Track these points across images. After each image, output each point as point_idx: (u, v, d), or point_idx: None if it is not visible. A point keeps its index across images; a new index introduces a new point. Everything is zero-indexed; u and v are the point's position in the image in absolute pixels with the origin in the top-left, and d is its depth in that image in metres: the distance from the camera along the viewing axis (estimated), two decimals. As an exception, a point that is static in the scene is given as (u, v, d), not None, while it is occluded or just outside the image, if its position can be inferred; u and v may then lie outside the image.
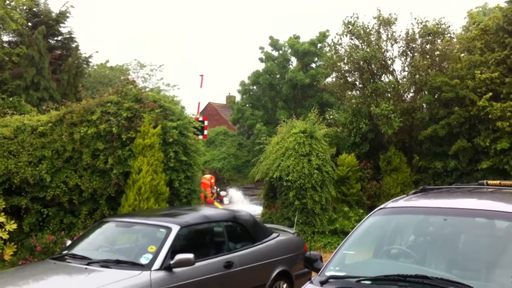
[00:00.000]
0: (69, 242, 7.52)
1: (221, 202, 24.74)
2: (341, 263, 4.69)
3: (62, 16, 21.15)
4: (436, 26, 14.96)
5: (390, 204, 5.18)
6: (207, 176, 24.53)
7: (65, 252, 6.93)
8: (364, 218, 5.16)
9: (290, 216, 12.94)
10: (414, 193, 5.47)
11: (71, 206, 10.45)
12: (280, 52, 29.88)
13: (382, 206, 5.18)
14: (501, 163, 12.96)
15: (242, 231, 7.76)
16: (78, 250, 6.87)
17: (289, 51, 29.59)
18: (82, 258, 6.52)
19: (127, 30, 71.32)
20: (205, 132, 17.70)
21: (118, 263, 6.24)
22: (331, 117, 16.63)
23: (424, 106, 15.24)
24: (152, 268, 6.07)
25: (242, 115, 30.53)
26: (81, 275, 6.09)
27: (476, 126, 13.70)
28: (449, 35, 15.32)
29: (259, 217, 14.08)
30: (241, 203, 24.40)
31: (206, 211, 8.04)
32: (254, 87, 30.72)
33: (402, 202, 5.20)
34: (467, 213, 4.67)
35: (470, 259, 4.46)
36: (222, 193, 25.99)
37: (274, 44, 29.87)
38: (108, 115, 10.54)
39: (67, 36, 21.49)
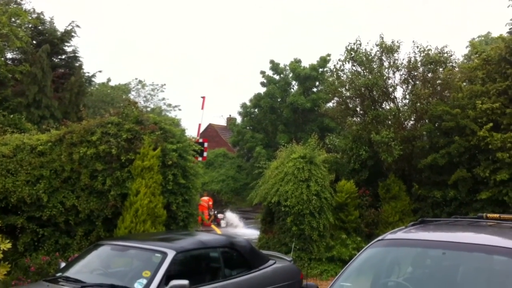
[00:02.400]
0: (63, 264, 7.47)
1: (218, 225, 24.59)
2: (338, 295, 4.63)
3: (67, 35, 21.32)
4: (438, 55, 15.02)
5: (388, 235, 5.12)
6: (205, 198, 24.43)
7: (58, 274, 6.88)
8: (362, 249, 5.11)
9: (287, 242, 12.84)
10: (413, 224, 5.42)
11: (67, 227, 10.36)
12: (282, 75, 30.05)
13: (380, 237, 5.13)
14: (501, 194, 12.88)
15: (238, 257, 7.69)
16: (72, 272, 6.81)
17: (290, 75, 29.80)
18: (76, 281, 6.47)
19: (130, 49, 71.86)
20: (205, 154, 17.67)
21: (111, 288, 6.17)
22: (331, 142, 16.58)
23: (425, 135, 15.23)
24: (146, 294, 5.99)
25: (242, 138, 30.58)
26: (73, 299, 6.02)
27: (476, 156, 13.67)
28: (451, 64, 15.36)
29: (255, 241, 13.98)
30: (238, 226, 24.27)
31: (203, 237, 7.99)
32: (255, 110, 30.86)
33: (400, 234, 5.15)
34: (466, 248, 4.63)
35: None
36: (220, 215, 25.85)
37: (275, 68, 30.07)
38: (108, 136, 10.51)
39: (71, 55, 21.65)
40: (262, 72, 30.21)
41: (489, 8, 67.63)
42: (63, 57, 21.70)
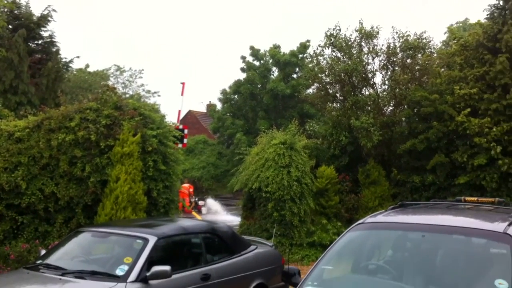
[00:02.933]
0: (43, 251, 7.43)
1: (199, 212, 24.57)
2: (319, 278, 4.68)
3: (44, 19, 20.89)
4: (417, 40, 15.12)
5: (368, 219, 5.17)
6: (186, 185, 24.35)
7: (39, 261, 6.83)
8: (343, 233, 5.15)
9: (268, 228, 12.91)
10: (393, 208, 5.48)
11: (47, 214, 10.25)
12: (262, 62, 29.97)
13: (360, 221, 5.17)
14: (478, 179, 13.07)
15: (220, 243, 7.71)
16: (52, 260, 6.77)
17: (270, 61, 29.70)
18: (57, 268, 6.43)
19: (108, 34, 71.00)
20: (185, 140, 17.57)
21: (93, 274, 6.17)
22: (311, 128, 16.64)
23: (404, 120, 15.36)
24: (128, 280, 5.99)
25: (222, 124, 30.50)
26: (54, 286, 5.98)
27: (454, 141, 13.84)
28: (429, 50, 15.49)
29: (237, 228, 14.02)
30: (219, 213, 24.29)
31: (184, 223, 7.96)
32: (235, 96, 30.77)
33: (380, 217, 5.20)
34: (445, 230, 4.70)
35: (447, 276, 4.48)
36: (201, 202, 25.83)
37: (255, 54, 29.96)
38: (87, 122, 10.40)
39: (48, 40, 21.21)
40: (243, 57, 30.09)
41: (467, -5, 68.07)
42: (40, 42, 21.26)
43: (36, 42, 21.20)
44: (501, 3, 13.35)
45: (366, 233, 5.16)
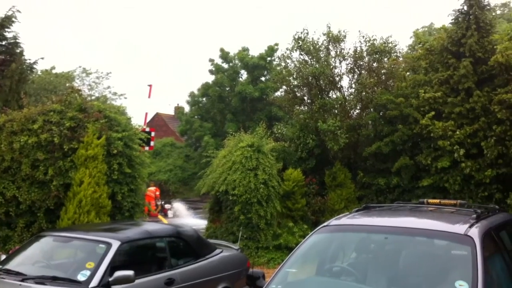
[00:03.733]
0: (3, 257, 7.28)
1: (165, 215, 24.34)
2: (284, 281, 4.68)
3: (8, 20, 20.42)
4: (383, 44, 15.29)
5: (333, 221, 5.20)
6: (152, 188, 24.11)
7: (-1, 267, 6.64)
8: (308, 236, 5.17)
9: (234, 231, 12.85)
10: (357, 210, 5.52)
11: (7, 218, 10.04)
12: (230, 64, 29.94)
13: (325, 223, 5.19)
14: (442, 181, 13.27)
15: (185, 247, 7.65)
16: (13, 265, 6.62)
17: (239, 64, 29.70)
18: (17, 274, 6.29)
19: (73, 36, 70.01)
20: (152, 143, 17.43)
21: (54, 280, 6.04)
22: (279, 131, 16.67)
23: (370, 123, 15.51)
24: (90, 285, 5.89)
25: (190, 127, 30.37)
26: (14, 292, 5.83)
27: (419, 144, 14.02)
28: (395, 54, 15.69)
29: (203, 231, 13.94)
30: (186, 216, 24.12)
31: (149, 226, 7.87)
32: (204, 99, 30.69)
33: (344, 219, 5.24)
34: (408, 232, 4.74)
35: (410, 277, 4.52)
36: (167, 206, 25.59)
37: (225, 56, 29.92)
38: (50, 124, 10.21)
39: (12, 41, 20.76)
40: (211, 60, 30.01)
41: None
42: (3, 43, 20.79)
43: (-1, 43, 20.72)
44: (465, 8, 13.58)
45: (330, 236, 5.18)
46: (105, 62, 71.80)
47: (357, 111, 16.16)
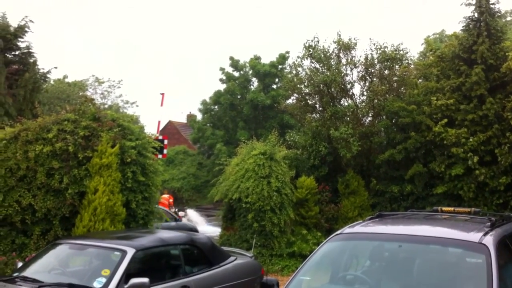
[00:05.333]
0: (20, 264, 7.33)
1: (179, 222, 24.38)
2: (297, 289, 4.69)
3: (21, 30, 20.69)
4: (394, 52, 15.30)
5: (346, 229, 5.21)
6: (165, 196, 24.22)
7: (16, 274, 6.73)
8: (321, 244, 5.18)
9: (248, 238, 12.88)
10: (370, 218, 5.53)
11: (24, 226, 10.10)
12: (241, 72, 30.08)
13: (339, 231, 5.21)
14: (456, 189, 13.22)
15: (199, 254, 7.68)
16: (29, 272, 6.67)
17: (250, 72, 29.82)
18: (33, 281, 6.33)
19: (87, 44, 70.62)
20: (165, 151, 17.53)
21: (70, 287, 6.08)
22: (291, 139, 16.70)
23: (382, 130, 15.50)
24: (106, 293, 5.93)
25: (202, 135, 30.48)
26: (31, 299, 5.90)
27: (432, 151, 13.98)
28: (406, 61, 15.69)
29: (217, 238, 13.98)
30: (199, 224, 24.19)
31: (163, 234, 7.92)
32: (216, 107, 30.81)
33: (358, 227, 5.25)
34: (422, 240, 4.74)
35: (424, 285, 4.52)
36: (181, 213, 25.67)
37: (235, 64, 30.06)
38: (65, 133, 10.30)
39: (25, 50, 21.01)
40: (222, 69, 30.17)
41: (444, 7, 69.17)
42: (17, 53, 21.06)
43: (13, 53, 20.98)
44: (476, 15, 13.58)
45: (344, 244, 5.19)
46: (115, 68, 72.29)
47: (369, 118, 16.17)
